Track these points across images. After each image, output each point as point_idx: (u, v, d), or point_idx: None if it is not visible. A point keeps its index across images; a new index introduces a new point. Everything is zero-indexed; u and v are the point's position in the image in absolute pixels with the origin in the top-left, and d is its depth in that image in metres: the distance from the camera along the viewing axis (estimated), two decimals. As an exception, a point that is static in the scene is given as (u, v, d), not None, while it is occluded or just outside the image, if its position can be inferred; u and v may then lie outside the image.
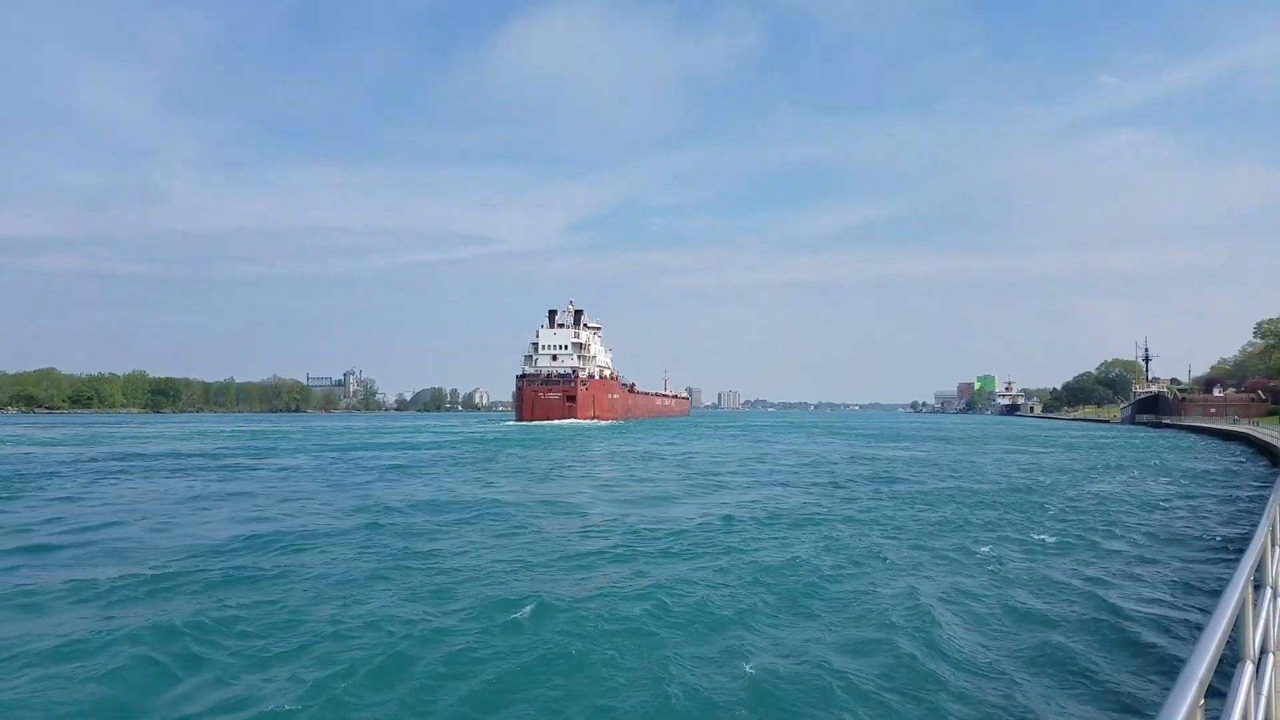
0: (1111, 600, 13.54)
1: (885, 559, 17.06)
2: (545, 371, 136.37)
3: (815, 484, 33.80)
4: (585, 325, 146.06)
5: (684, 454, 54.68)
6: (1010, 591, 14.25)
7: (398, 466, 42.58)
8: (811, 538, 19.74)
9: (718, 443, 72.23)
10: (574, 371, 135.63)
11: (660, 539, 19.42)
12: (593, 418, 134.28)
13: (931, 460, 48.95)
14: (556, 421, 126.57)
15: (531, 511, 24.60)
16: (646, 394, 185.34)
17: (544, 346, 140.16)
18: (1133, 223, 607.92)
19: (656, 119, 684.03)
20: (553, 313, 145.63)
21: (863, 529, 21.27)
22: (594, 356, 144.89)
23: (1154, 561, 17.09)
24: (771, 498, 28.67)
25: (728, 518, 22.86)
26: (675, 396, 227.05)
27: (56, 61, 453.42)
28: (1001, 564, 16.65)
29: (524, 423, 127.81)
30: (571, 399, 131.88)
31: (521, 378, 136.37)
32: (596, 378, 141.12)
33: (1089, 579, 15.26)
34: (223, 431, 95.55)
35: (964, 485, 33.27)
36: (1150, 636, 11.54)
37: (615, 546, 18.41)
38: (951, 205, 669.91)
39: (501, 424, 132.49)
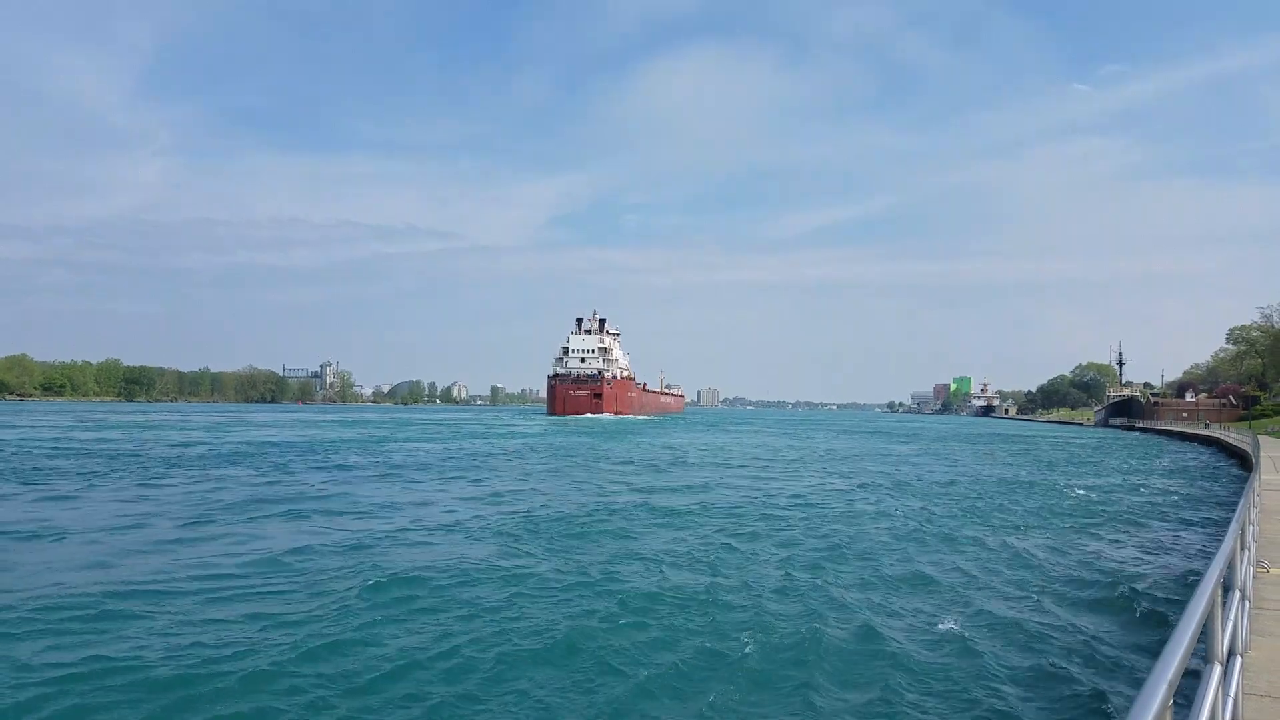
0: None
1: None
2: (575, 372, 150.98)
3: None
4: (608, 332, 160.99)
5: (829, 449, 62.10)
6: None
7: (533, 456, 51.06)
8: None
9: (809, 440, 77.14)
10: (599, 373, 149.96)
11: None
12: (615, 413, 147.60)
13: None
14: (587, 416, 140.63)
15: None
16: (653, 392, 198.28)
17: (573, 350, 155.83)
18: (1109, 229, 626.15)
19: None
20: (580, 320, 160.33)
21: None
22: (616, 359, 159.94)
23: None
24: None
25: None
26: (673, 394, 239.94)
27: (28, 47, 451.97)
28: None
29: (555, 416, 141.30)
30: (598, 396, 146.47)
31: (553, 377, 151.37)
32: (619, 378, 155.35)
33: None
34: (298, 420, 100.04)
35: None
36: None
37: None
38: (928, 209, 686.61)
39: (538, 418, 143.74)
